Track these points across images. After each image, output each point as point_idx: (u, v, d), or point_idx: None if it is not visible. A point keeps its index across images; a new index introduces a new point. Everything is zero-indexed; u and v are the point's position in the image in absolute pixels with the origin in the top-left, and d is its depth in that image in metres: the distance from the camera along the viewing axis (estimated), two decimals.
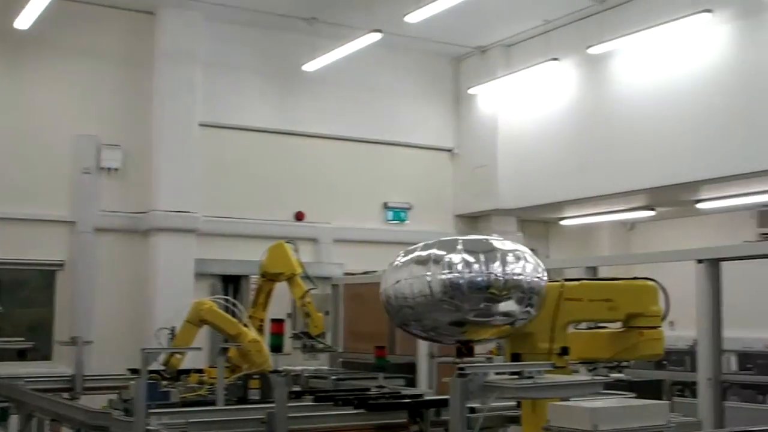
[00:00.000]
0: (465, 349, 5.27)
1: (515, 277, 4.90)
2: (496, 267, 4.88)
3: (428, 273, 4.92)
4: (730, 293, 8.13)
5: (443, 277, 4.86)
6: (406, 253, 5.22)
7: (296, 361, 10.36)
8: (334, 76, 14.44)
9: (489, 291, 4.84)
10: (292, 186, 14.49)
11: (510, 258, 4.96)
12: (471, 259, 4.89)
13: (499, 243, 5.08)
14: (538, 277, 5.04)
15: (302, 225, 14.38)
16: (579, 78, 13.82)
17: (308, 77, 14.31)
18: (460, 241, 5.05)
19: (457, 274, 4.85)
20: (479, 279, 4.84)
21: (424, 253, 5.05)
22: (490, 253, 4.94)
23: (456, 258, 4.91)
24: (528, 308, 5.00)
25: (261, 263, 9.45)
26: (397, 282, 5.09)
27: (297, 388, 8.65)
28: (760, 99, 11.11)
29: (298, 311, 9.39)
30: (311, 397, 7.31)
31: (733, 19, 11.56)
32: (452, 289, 4.83)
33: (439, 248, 5.04)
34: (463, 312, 4.88)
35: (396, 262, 5.24)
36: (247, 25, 14.09)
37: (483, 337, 5.31)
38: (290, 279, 9.26)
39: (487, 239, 5.16)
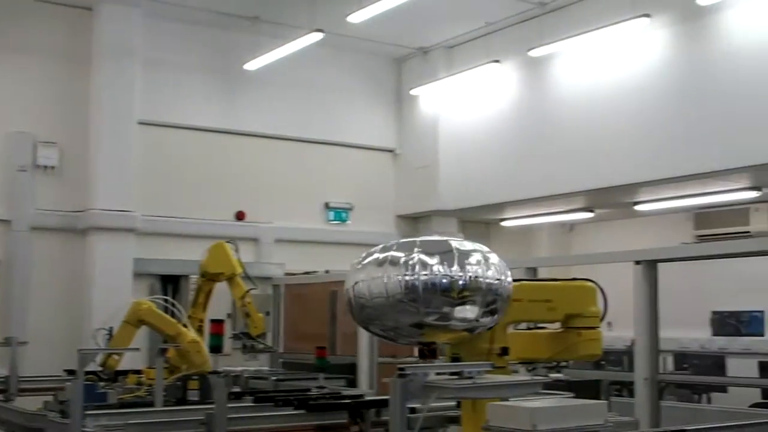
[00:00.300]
0: (428, 351, 5.14)
1: (476, 279, 4.79)
2: (455, 269, 4.77)
3: (386, 274, 4.83)
4: (667, 294, 8.24)
5: (400, 278, 4.76)
6: (367, 255, 5.14)
7: (236, 362, 10.30)
8: (277, 75, 14.38)
9: (447, 293, 4.72)
10: (232, 185, 14.39)
11: (471, 259, 4.86)
12: (429, 260, 4.79)
13: (458, 244, 4.97)
14: (499, 279, 4.93)
15: (243, 225, 14.29)
16: (520, 80, 13.93)
17: (250, 76, 14.23)
18: (419, 242, 4.96)
19: (413, 276, 4.74)
20: (436, 281, 4.73)
21: (382, 255, 4.98)
22: (448, 254, 4.83)
23: (414, 259, 4.81)
24: (490, 312, 4.88)
25: (201, 263, 9.39)
26: (357, 283, 5.01)
27: (237, 389, 8.59)
28: (696, 103, 11.30)
29: (238, 311, 9.33)
30: (251, 397, 7.27)
31: (671, 23, 11.74)
32: (409, 290, 4.73)
33: (397, 249, 4.95)
34: (421, 314, 4.77)
35: (357, 263, 5.16)
36: (187, 23, 13.95)
37: (443, 340, 5.17)
38: (230, 279, 9.21)
39: (446, 240, 5.04)
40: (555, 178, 13.06)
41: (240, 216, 14.33)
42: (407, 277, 4.74)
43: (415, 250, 4.87)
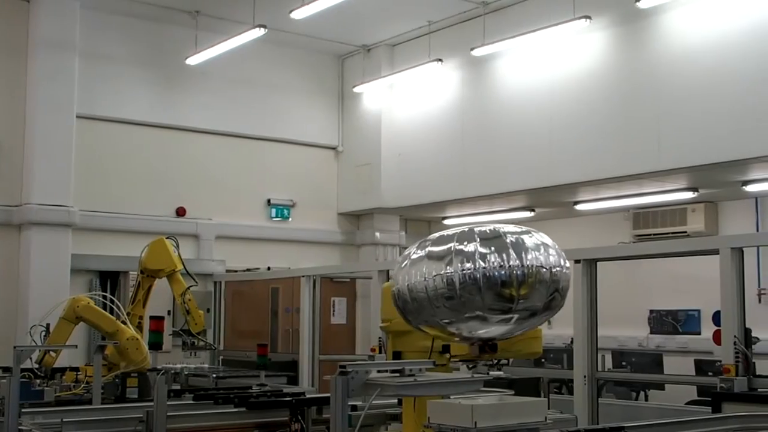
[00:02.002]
0: (488, 347, 4.96)
1: (536, 269, 4.60)
2: (515, 259, 4.56)
3: (438, 268, 4.62)
4: (606, 293, 8.35)
5: (454, 271, 4.55)
6: (419, 247, 4.91)
7: (176, 359, 10.25)
8: (218, 70, 14.28)
9: (506, 285, 4.53)
10: (173, 181, 14.24)
11: (530, 248, 4.65)
12: (485, 251, 4.57)
13: (517, 233, 4.75)
14: (559, 268, 4.74)
15: (183, 221, 14.16)
16: (462, 79, 13.99)
17: (191, 71, 14.09)
18: (477, 231, 4.72)
19: (469, 269, 4.53)
20: (494, 273, 4.52)
21: (433, 248, 4.77)
22: (507, 243, 4.61)
23: (468, 250, 4.59)
24: (552, 302, 4.70)
25: (140, 259, 9.32)
26: (406, 278, 4.78)
27: (176, 387, 8.55)
28: (634, 104, 11.45)
29: (178, 308, 9.29)
30: (191, 395, 7.21)
31: (611, 25, 11.88)
32: (465, 284, 4.53)
33: (450, 241, 4.72)
34: (480, 308, 4.57)
35: (406, 257, 4.92)
36: (127, 16, 13.77)
37: (504, 335, 4.94)
38: (171, 275, 9.17)
39: (500, 229, 4.80)
40: (496, 177, 13.15)
41: (180, 212, 14.19)
42: (463, 271, 4.55)
43: (470, 240, 4.65)
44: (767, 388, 7.14)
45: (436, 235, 4.91)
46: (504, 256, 4.57)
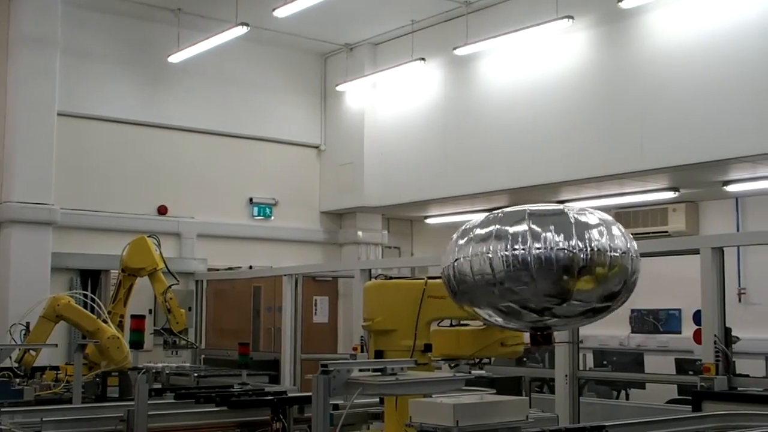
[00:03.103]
0: (541, 336, 4.50)
1: (599, 252, 4.14)
2: (575, 241, 4.12)
3: (492, 249, 4.21)
4: None
5: (508, 253, 4.15)
6: (469, 227, 4.55)
7: (157, 358, 10.22)
8: (201, 68, 14.24)
9: (564, 268, 4.09)
10: (155, 179, 14.19)
11: (593, 230, 4.19)
12: (542, 231, 4.15)
13: (578, 212, 4.29)
14: (625, 252, 4.27)
15: (165, 219, 14.10)
16: (445, 78, 14.00)
17: (174, 69, 14.04)
18: (528, 211, 4.29)
19: (524, 250, 4.11)
20: (552, 255, 4.09)
21: (486, 229, 4.36)
22: (565, 223, 4.17)
23: (523, 230, 4.17)
24: (619, 290, 4.25)
25: (122, 258, 9.29)
26: (457, 260, 4.42)
27: (158, 386, 8.51)
28: (617, 104, 11.49)
29: (159, 307, 9.27)
30: (172, 394, 7.18)
31: (593, 25, 11.92)
32: (519, 267, 4.11)
33: (503, 221, 4.31)
34: (534, 294, 4.15)
35: (457, 237, 4.59)
36: (109, 13, 13.71)
37: (562, 325, 4.50)
38: (152, 274, 9.14)
39: (561, 207, 4.36)
40: (479, 177, 13.17)
41: (162, 210, 14.14)
42: (516, 252, 4.13)
43: (525, 220, 4.23)
44: (747, 387, 7.18)
45: (502, 212, 4.48)
46: (565, 236, 4.12)
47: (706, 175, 11.49)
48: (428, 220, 16.28)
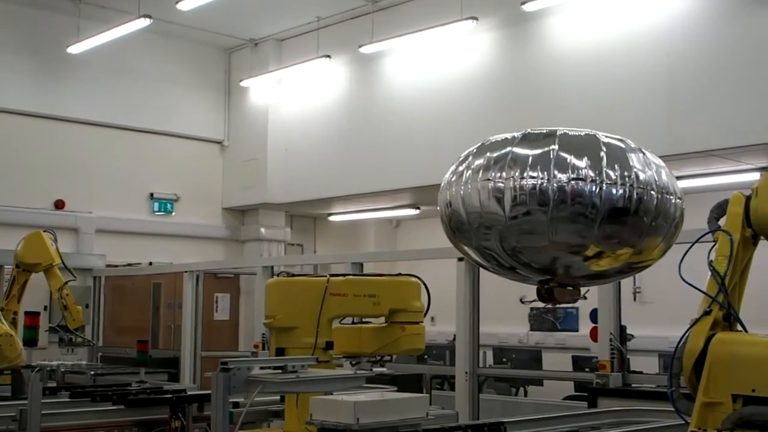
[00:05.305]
0: (546, 293, 3.83)
1: (640, 189, 3.52)
2: (608, 172, 3.48)
3: (499, 178, 3.62)
4: (487, 291, 8.47)
5: (518, 183, 3.53)
6: (476, 151, 3.99)
7: (52, 356, 9.96)
8: (101, 60, 13.94)
9: (589, 203, 3.47)
10: (52, 173, 13.84)
11: (634, 161, 3.58)
12: (572, 159, 3.52)
13: (617, 140, 3.70)
14: (672, 194, 3.67)
15: (62, 214, 13.78)
16: (350, 76, 14.01)
17: (73, 60, 13.72)
18: (557, 135, 3.64)
19: (542, 180, 3.47)
20: (579, 189, 3.46)
21: (496, 153, 3.77)
22: (599, 152, 3.55)
23: (544, 158, 3.53)
24: (658, 237, 3.65)
25: (16, 253, 9.07)
26: (456, 192, 3.87)
27: (52, 384, 8.32)
28: (519, 104, 11.65)
29: (55, 303, 9.08)
30: (67, 393, 7.03)
31: (497, 27, 12.07)
32: (534, 201, 3.50)
33: (521, 144, 3.68)
34: (551, 231, 3.51)
35: (458, 165, 4.04)
36: (6, 1, 13.32)
37: (577, 277, 3.81)
38: (48, 270, 8.94)
39: (594, 133, 3.70)
40: (382, 175, 13.21)
41: (59, 204, 13.82)
42: (527, 182, 3.53)
43: (550, 146, 3.60)
44: (641, 384, 7.36)
45: (496, 138, 3.98)
46: (598, 168, 3.50)
47: None
48: (332, 218, 16.28)
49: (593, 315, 7.75)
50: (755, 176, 3.57)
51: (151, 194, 14.92)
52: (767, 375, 3.23)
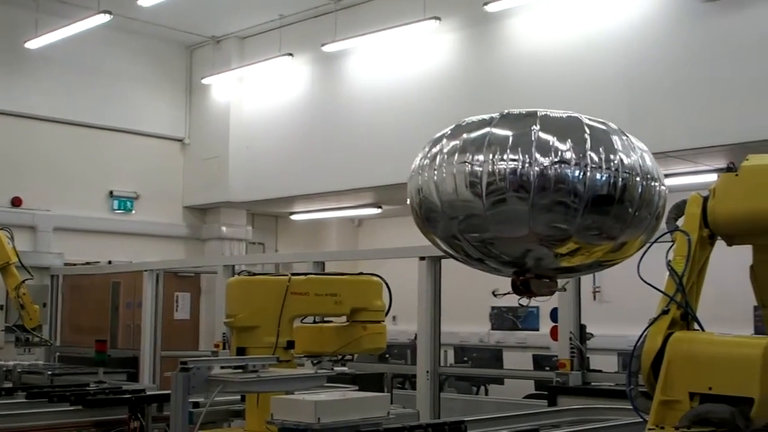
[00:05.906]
0: (522, 284, 3.74)
1: (625, 174, 3.38)
2: (593, 156, 3.29)
3: (474, 162, 3.37)
4: (449, 290, 8.49)
5: (494, 168, 3.30)
6: (447, 134, 3.72)
7: (9, 356, 9.84)
8: (61, 56, 13.79)
9: (573, 194, 3.31)
10: (9, 169, 13.66)
11: (618, 145, 3.42)
12: (553, 141, 3.31)
13: (599, 122, 3.53)
14: (656, 180, 3.55)
15: (19, 211, 13.62)
16: (313, 74, 13.98)
17: (31, 55, 13.55)
18: (538, 116, 3.44)
19: (522, 164, 3.24)
20: (560, 174, 3.25)
21: (472, 134, 3.52)
22: (582, 135, 3.36)
23: (524, 140, 3.30)
24: (639, 230, 3.54)
25: None
26: (427, 178, 3.62)
27: (8, 385, 8.23)
28: (481, 105, 11.53)
29: (12, 302, 8.98)
30: (24, 393, 6.95)
31: (459, 27, 12.11)
32: (511, 187, 3.28)
33: (499, 125, 3.42)
34: (531, 221, 3.32)
35: (428, 150, 3.80)
36: None
37: (554, 268, 3.66)
38: (4, 268, 8.87)
39: (577, 116, 3.52)
40: (344, 174, 13.20)
41: (16, 202, 13.66)
42: (503, 165, 3.31)
43: (532, 127, 3.37)
44: (600, 382, 7.42)
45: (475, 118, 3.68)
46: (582, 152, 3.32)
47: None
48: (293, 217, 16.23)
49: (554, 314, 7.79)
50: (713, 177, 3.58)
51: (111, 192, 14.79)
52: (724, 373, 3.26)
